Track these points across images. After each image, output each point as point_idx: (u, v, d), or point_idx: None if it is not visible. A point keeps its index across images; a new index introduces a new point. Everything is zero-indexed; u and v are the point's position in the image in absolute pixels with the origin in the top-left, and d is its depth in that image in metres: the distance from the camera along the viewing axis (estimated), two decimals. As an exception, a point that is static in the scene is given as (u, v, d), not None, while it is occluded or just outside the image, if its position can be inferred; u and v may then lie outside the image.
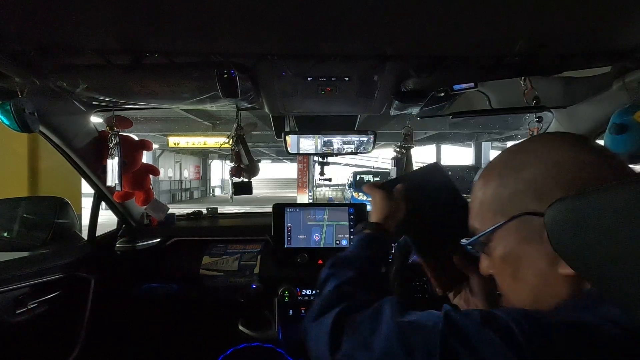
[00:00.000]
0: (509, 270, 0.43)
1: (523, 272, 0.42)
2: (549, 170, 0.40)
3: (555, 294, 0.39)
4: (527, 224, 0.40)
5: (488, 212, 0.44)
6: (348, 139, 1.27)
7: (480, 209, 0.46)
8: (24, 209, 1.21)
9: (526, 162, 0.42)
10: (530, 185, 0.40)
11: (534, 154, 0.42)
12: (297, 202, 1.48)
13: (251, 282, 1.27)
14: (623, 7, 0.61)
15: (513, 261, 0.42)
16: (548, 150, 0.41)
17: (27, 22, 0.63)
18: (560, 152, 0.40)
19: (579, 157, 0.39)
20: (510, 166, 0.43)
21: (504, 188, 0.42)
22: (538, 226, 0.37)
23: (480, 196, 0.46)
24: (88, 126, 1.09)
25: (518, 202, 0.41)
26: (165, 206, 1.43)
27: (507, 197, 0.42)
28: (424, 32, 0.70)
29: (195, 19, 0.63)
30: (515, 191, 0.41)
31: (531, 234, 0.40)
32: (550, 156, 0.41)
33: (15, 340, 0.99)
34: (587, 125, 1.08)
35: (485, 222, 0.44)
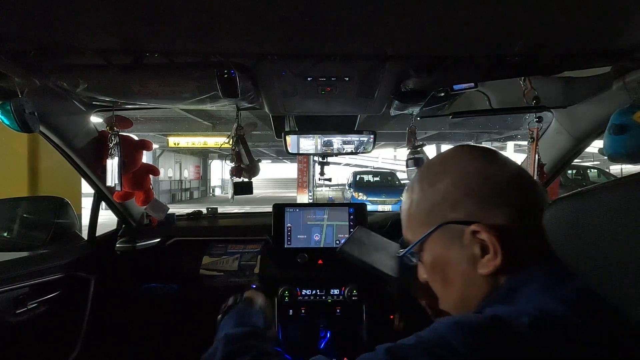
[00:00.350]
0: (438, 275, 0.47)
1: (450, 275, 0.45)
2: (458, 182, 0.44)
3: (478, 292, 0.43)
4: (448, 232, 0.44)
5: (415, 223, 0.48)
6: (348, 139, 1.27)
7: (409, 221, 0.49)
8: (24, 209, 1.21)
9: (440, 175, 0.46)
10: (445, 197, 0.44)
11: (446, 167, 0.47)
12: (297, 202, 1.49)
13: (251, 282, 1.27)
14: (623, 7, 0.61)
15: (441, 266, 0.46)
16: (457, 163, 0.46)
17: (27, 22, 0.63)
18: (467, 165, 0.45)
19: (483, 170, 0.44)
20: (428, 180, 0.47)
21: (425, 200, 0.47)
22: (458, 232, 0.43)
23: (407, 209, 0.50)
24: (88, 126, 1.09)
25: (438, 213, 0.45)
26: (165, 206, 1.43)
27: (429, 209, 0.46)
28: (424, 32, 0.70)
29: (195, 19, 0.63)
30: (435, 203, 0.45)
31: (453, 240, 0.44)
32: (459, 169, 0.45)
33: (15, 340, 0.99)
34: (587, 125, 1.08)
35: (415, 233, 0.48)
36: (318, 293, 1.26)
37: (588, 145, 1.16)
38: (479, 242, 0.41)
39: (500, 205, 0.42)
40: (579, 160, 10.90)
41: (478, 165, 0.45)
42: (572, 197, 0.31)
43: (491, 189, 0.42)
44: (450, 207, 0.44)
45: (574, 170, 8.82)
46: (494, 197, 0.42)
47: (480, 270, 0.41)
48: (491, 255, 0.40)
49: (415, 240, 0.47)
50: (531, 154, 1.10)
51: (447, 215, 0.44)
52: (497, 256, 0.40)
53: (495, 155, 0.47)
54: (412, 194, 0.49)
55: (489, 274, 0.41)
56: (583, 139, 1.12)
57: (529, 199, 0.43)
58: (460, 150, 0.49)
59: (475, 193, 0.43)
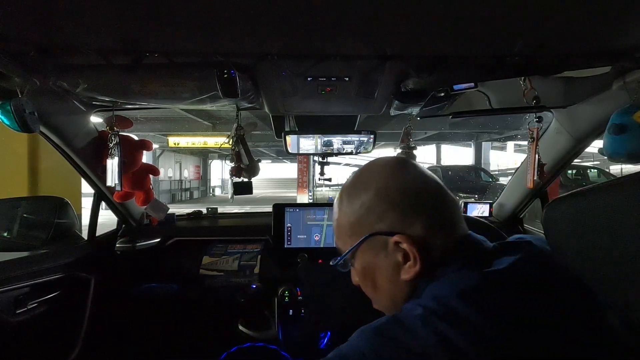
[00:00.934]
0: (369, 281, 0.51)
1: (379, 280, 0.50)
2: (380, 195, 0.48)
3: (403, 294, 0.48)
4: (375, 242, 0.48)
5: (345, 234, 0.52)
6: (348, 139, 1.27)
7: (339, 232, 0.53)
8: (24, 209, 1.21)
9: (362, 189, 0.50)
10: (369, 209, 0.48)
11: (369, 181, 0.50)
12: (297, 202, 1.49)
13: (251, 282, 1.27)
14: (623, 7, 0.61)
15: (370, 273, 0.50)
16: (379, 177, 0.49)
17: (27, 22, 0.63)
18: (387, 179, 0.49)
19: (403, 183, 0.48)
20: (353, 193, 0.51)
21: (352, 213, 0.50)
22: (383, 242, 0.47)
23: (336, 220, 0.54)
24: (88, 126, 1.09)
25: (365, 224, 0.48)
26: (165, 206, 1.43)
27: (356, 221, 0.50)
28: (424, 32, 0.69)
29: (195, 18, 0.63)
30: (360, 215, 0.49)
31: (379, 249, 0.48)
32: (381, 183, 0.49)
33: (15, 340, 0.99)
34: (587, 125, 1.08)
35: (345, 243, 0.52)
36: (318, 293, 1.26)
37: (588, 145, 1.16)
38: (402, 251, 0.46)
39: (419, 216, 0.46)
40: (579, 160, 10.90)
41: (398, 178, 0.49)
42: (571, 196, 0.32)
43: (410, 202, 0.47)
44: (375, 219, 0.47)
45: (574, 170, 8.82)
46: (413, 209, 0.46)
47: (402, 276, 0.46)
48: (411, 262, 0.45)
49: (346, 250, 0.51)
50: (531, 154, 1.10)
51: (373, 226, 0.48)
52: (417, 263, 0.45)
53: (414, 168, 0.51)
54: (341, 206, 0.52)
55: (410, 279, 0.46)
56: (583, 139, 1.12)
57: (444, 209, 0.48)
58: (380, 163, 0.52)
59: (396, 206, 0.47)
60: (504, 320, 0.36)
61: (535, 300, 0.39)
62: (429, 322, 0.36)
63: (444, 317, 0.36)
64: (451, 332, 0.35)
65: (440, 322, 0.36)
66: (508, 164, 17.94)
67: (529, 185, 1.12)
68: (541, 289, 0.41)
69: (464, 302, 0.37)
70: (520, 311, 0.38)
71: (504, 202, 1.53)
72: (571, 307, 0.40)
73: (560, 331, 0.37)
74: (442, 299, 0.38)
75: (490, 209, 1.58)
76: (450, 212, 0.48)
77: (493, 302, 0.38)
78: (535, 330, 0.36)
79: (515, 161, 16.42)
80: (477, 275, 0.41)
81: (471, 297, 0.38)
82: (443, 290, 0.40)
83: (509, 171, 14.27)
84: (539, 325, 0.37)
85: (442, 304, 0.38)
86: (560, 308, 0.39)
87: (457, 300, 0.38)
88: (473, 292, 0.39)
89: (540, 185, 1.31)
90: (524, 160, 1.27)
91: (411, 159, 1.28)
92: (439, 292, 0.40)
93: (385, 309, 0.52)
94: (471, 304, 0.37)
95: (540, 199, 1.40)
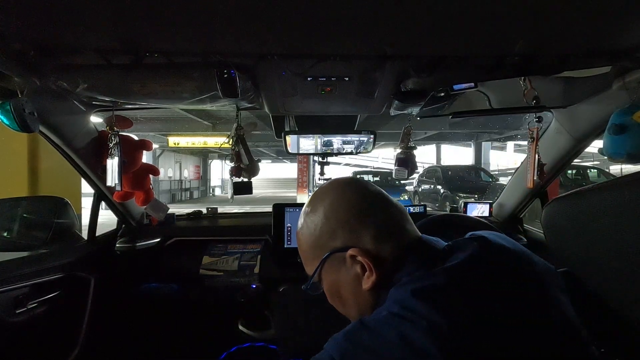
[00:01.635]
0: (337, 297, 0.54)
1: (344, 295, 0.53)
2: (328, 214, 0.51)
3: (369, 304, 0.50)
4: (334, 259, 0.51)
5: (309, 258, 0.55)
6: (348, 139, 1.27)
7: (304, 258, 0.56)
8: (24, 209, 1.21)
9: (314, 212, 0.53)
10: (322, 230, 0.51)
11: (317, 204, 0.53)
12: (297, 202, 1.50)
13: (251, 282, 1.27)
14: (623, 7, 0.61)
15: (336, 289, 0.53)
16: (325, 200, 0.53)
17: (27, 22, 0.63)
18: (331, 198, 0.52)
19: (347, 200, 0.51)
20: (308, 217, 0.54)
21: (309, 236, 0.53)
22: (341, 258, 0.50)
23: (300, 247, 0.57)
24: (88, 126, 1.09)
25: (322, 245, 0.51)
26: (165, 206, 1.43)
27: (314, 243, 0.53)
28: (424, 32, 0.70)
29: (195, 18, 0.63)
30: (317, 237, 0.52)
31: (339, 266, 0.51)
32: (327, 202, 0.52)
33: (15, 340, 0.99)
34: (587, 125, 1.08)
35: (310, 267, 0.54)
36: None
37: (588, 145, 1.16)
38: (359, 263, 0.48)
39: (367, 228, 0.49)
40: (579, 160, 10.90)
41: (341, 196, 0.52)
42: (571, 196, 0.32)
43: (356, 217, 0.50)
44: (329, 238, 0.51)
45: (574, 170, 8.82)
46: (360, 223, 0.49)
47: (363, 286, 0.49)
48: (368, 272, 0.48)
49: (312, 273, 0.54)
50: (531, 154, 1.10)
51: (329, 245, 0.51)
52: (373, 273, 0.47)
53: (356, 184, 0.54)
54: (300, 233, 0.55)
55: (371, 288, 0.48)
56: (583, 139, 1.12)
57: (390, 218, 0.51)
58: (328, 186, 0.56)
59: (344, 223, 0.50)
60: (459, 315, 0.38)
61: (486, 293, 0.41)
62: (391, 323, 0.39)
63: (404, 317, 0.38)
64: (411, 331, 0.37)
65: (401, 322, 0.38)
66: (508, 164, 17.94)
67: (528, 185, 1.12)
68: (492, 283, 0.43)
69: (420, 301, 0.39)
70: (472, 305, 0.39)
71: (504, 202, 1.53)
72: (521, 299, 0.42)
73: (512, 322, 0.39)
74: (401, 301, 0.41)
75: (490, 209, 1.58)
76: (396, 220, 0.51)
77: (446, 299, 0.40)
78: (488, 323, 0.38)
79: (515, 161, 16.41)
80: (428, 275, 0.43)
81: (425, 296, 0.40)
82: (400, 292, 0.42)
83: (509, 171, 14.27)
84: (491, 317, 0.38)
85: (402, 306, 0.40)
86: (510, 300, 0.41)
87: (413, 299, 0.40)
88: (426, 290, 0.41)
89: (540, 185, 1.31)
90: (524, 160, 1.27)
91: (411, 158, 1.28)
92: (398, 295, 0.43)
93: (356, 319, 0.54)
94: (426, 302, 0.39)
95: (540, 199, 1.40)
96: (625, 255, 0.26)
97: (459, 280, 0.42)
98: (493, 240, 0.49)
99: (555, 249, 0.33)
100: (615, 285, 0.29)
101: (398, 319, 0.38)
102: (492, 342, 0.36)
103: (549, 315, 0.42)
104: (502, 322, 0.38)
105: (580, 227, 0.30)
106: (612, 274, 0.28)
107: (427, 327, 0.36)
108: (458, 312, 0.38)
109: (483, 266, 0.45)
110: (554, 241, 0.33)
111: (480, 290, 0.41)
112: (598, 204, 0.29)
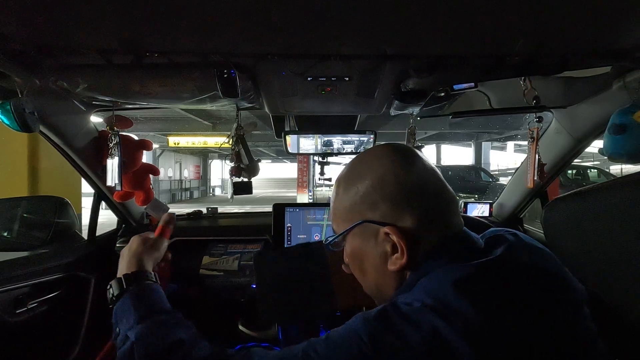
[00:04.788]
0: (357, 264, 0.53)
1: (366, 266, 0.51)
2: (376, 185, 0.48)
3: (390, 284, 0.49)
4: (366, 229, 0.49)
5: (339, 218, 0.53)
6: (348, 139, 1.27)
7: (334, 214, 0.55)
8: (24, 209, 1.21)
9: (361, 176, 0.50)
10: (364, 197, 0.49)
11: (366, 169, 0.50)
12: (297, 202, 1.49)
13: (251, 282, 1.27)
14: (623, 7, 0.61)
15: (359, 257, 0.52)
16: (377, 166, 0.49)
17: (27, 22, 0.63)
18: (385, 169, 0.49)
19: (399, 175, 0.48)
20: (350, 179, 0.52)
21: (346, 198, 0.51)
22: (374, 230, 0.48)
23: (332, 202, 0.55)
24: (88, 126, 1.09)
25: (357, 211, 0.49)
26: (165, 206, 1.43)
27: (349, 207, 0.50)
28: (424, 32, 0.69)
29: (195, 18, 0.63)
30: (354, 202, 0.50)
31: (369, 237, 0.49)
32: (378, 172, 0.49)
33: (15, 339, 0.99)
34: (587, 125, 1.08)
35: (338, 227, 0.53)
36: (318, 293, 1.26)
37: (588, 145, 1.16)
38: (391, 242, 0.47)
39: (411, 210, 0.46)
40: (579, 160, 10.90)
41: (395, 170, 0.48)
42: (571, 196, 0.32)
43: (404, 195, 0.47)
44: (368, 208, 0.48)
45: (574, 170, 8.83)
46: (406, 203, 0.47)
47: (389, 266, 0.47)
48: (399, 254, 0.46)
49: (338, 232, 0.53)
50: (531, 154, 1.10)
51: (366, 214, 0.48)
52: (404, 256, 0.46)
53: (413, 159, 0.50)
54: (337, 190, 0.53)
55: (396, 270, 0.47)
56: (583, 139, 1.12)
57: (438, 204, 0.48)
58: (381, 151, 0.52)
59: (389, 197, 0.47)
60: (496, 313, 0.37)
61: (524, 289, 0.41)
62: (426, 316, 0.37)
63: (439, 312, 0.37)
64: (445, 328, 0.36)
65: (435, 317, 0.37)
66: (508, 164, 17.94)
67: (529, 185, 1.12)
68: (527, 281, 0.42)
69: (457, 293, 0.38)
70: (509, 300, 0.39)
71: (504, 202, 1.53)
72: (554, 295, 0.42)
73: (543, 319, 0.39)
74: (436, 292, 0.39)
75: (490, 209, 1.58)
76: (445, 208, 0.48)
77: (483, 292, 0.39)
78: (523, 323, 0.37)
79: (515, 161, 16.42)
80: (465, 268, 0.42)
81: (463, 288, 0.39)
82: (434, 284, 0.41)
83: (509, 171, 14.27)
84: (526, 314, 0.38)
85: (437, 299, 0.38)
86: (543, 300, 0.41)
87: (449, 292, 0.38)
88: (464, 283, 0.39)
89: (540, 185, 1.31)
90: (524, 160, 1.27)
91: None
92: (431, 285, 0.41)
93: (371, 293, 0.54)
94: (464, 296, 0.38)
95: (540, 199, 1.40)
96: (625, 255, 0.26)
97: (496, 274, 0.41)
98: (522, 237, 0.49)
99: (555, 248, 0.33)
100: (615, 284, 0.29)
101: (433, 313, 0.37)
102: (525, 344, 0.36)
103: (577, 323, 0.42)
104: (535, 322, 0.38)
105: (580, 227, 0.30)
106: (612, 274, 0.28)
107: (462, 327, 0.36)
108: (495, 310, 0.37)
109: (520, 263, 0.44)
110: (554, 241, 0.33)
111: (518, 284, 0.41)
112: (598, 204, 0.29)
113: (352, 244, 0.52)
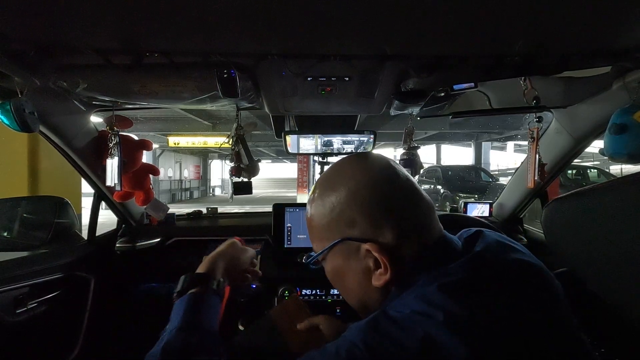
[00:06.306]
0: (339, 282, 0.52)
1: (349, 284, 0.50)
2: (352, 200, 0.46)
3: (375, 299, 0.47)
4: (347, 246, 0.47)
5: (317, 237, 0.51)
6: (348, 139, 1.27)
7: (311, 232, 0.53)
8: (24, 209, 1.21)
9: (333, 190, 0.48)
10: (341, 214, 0.47)
11: (340, 183, 0.48)
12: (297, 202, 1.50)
13: (251, 282, 1.27)
14: (623, 7, 0.61)
15: (341, 275, 0.51)
16: (347, 179, 0.48)
17: (27, 22, 0.63)
18: (360, 182, 0.47)
19: (375, 188, 0.46)
20: (324, 193, 0.50)
21: (323, 216, 0.49)
22: (355, 247, 0.46)
23: (309, 220, 0.53)
24: (88, 126, 1.09)
25: (336, 229, 0.48)
26: (165, 206, 1.43)
27: (327, 225, 0.49)
28: (424, 32, 0.69)
29: (195, 18, 0.63)
30: (331, 219, 0.48)
31: (350, 254, 0.47)
32: (353, 185, 0.47)
33: (15, 339, 0.99)
34: (587, 125, 1.08)
35: (317, 246, 0.52)
36: (318, 293, 1.26)
37: (588, 145, 1.16)
38: (373, 257, 0.45)
39: (391, 224, 0.45)
40: (579, 160, 10.90)
41: (369, 181, 0.47)
42: (571, 197, 0.32)
43: (382, 210, 0.45)
44: (346, 225, 0.47)
45: (574, 170, 8.82)
46: (385, 217, 0.45)
47: (374, 282, 0.46)
48: (382, 270, 0.45)
49: (318, 249, 0.51)
50: (531, 154, 1.10)
51: (345, 231, 0.47)
52: (387, 271, 0.44)
53: (389, 169, 0.49)
54: (312, 207, 0.52)
55: (381, 286, 0.45)
56: (583, 139, 1.12)
57: (416, 216, 0.47)
58: (353, 163, 0.51)
59: (367, 213, 0.45)
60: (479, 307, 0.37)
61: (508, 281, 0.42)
62: (416, 321, 0.38)
63: (429, 315, 0.37)
64: (435, 329, 0.36)
65: (425, 320, 0.37)
66: (508, 164, 17.94)
67: (529, 185, 1.12)
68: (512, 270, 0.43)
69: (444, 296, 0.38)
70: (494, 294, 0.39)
71: (504, 202, 1.53)
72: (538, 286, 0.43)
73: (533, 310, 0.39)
74: (421, 297, 0.40)
75: (490, 209, 1.58)
76: (423, 218, 0.47)
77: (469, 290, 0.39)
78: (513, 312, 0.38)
79: (515, 161, 16.41)
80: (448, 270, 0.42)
81: (449, 290, 0.39)
82: (420, 291, 0.41)
83: (509, 171, 14.26)
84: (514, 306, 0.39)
85: (423, 303, 0.39)
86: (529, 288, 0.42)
87: (436, 295, 0.39)
88: (448, 284, 0.40)
89: (540, 185, 1.31)
90: (524, 160, 1.27)
91: (416, 158, 1.27)
92: (417, 293, 0.41)
93: (356, 307, 0.53)
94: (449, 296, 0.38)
95: (540, 199, 1.40)
96: (625, 256, 0.26)
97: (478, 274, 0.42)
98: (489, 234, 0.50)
99: (555, 249, 0.33)
100: (615, 285, 0.29)
101: (423, 317, 0.37)
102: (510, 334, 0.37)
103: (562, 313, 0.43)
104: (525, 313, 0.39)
105: (580, 227, 0.30)
106: (612, 274, 0.28)
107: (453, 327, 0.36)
108: (482, 305, 0.38)
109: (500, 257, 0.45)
110: (554, 241, 0.33)
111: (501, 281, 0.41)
112: (598, 204, 0.29)
113: (333, 262, 0.50)
